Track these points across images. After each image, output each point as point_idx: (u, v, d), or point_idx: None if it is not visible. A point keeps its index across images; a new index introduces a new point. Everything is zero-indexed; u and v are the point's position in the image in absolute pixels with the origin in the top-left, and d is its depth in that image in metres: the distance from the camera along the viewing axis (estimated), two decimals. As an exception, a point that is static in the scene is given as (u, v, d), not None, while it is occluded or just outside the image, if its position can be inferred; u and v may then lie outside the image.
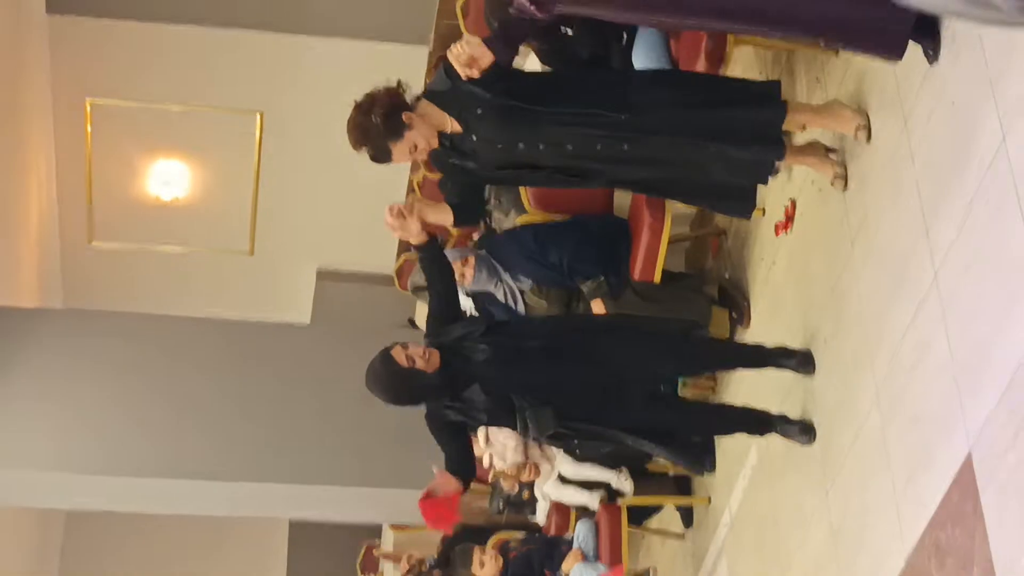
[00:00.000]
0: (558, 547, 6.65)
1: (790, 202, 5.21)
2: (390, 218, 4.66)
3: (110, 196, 10.36)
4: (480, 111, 4.52)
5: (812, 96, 4.91)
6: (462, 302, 5.44)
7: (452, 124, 4.60)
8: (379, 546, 9.93)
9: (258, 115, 10.00)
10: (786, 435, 4.98)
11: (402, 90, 4.58)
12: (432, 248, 4.87)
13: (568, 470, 6.41)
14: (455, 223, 4.89)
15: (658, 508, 6.76)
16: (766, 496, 5.38)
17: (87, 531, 12.73)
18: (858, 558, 4.37)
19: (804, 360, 4.90)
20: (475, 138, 4.58)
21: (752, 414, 5.13)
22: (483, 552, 6.73)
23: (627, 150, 4.50)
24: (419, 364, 4.71)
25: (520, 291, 6.20)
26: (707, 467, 6.00)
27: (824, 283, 4.82)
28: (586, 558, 6.34)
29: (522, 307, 6.20)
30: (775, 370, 5.00)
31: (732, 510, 5.77)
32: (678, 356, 5.09)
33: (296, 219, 10.72)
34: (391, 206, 4.67)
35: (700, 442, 5.46)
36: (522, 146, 4.55)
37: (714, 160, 4.51)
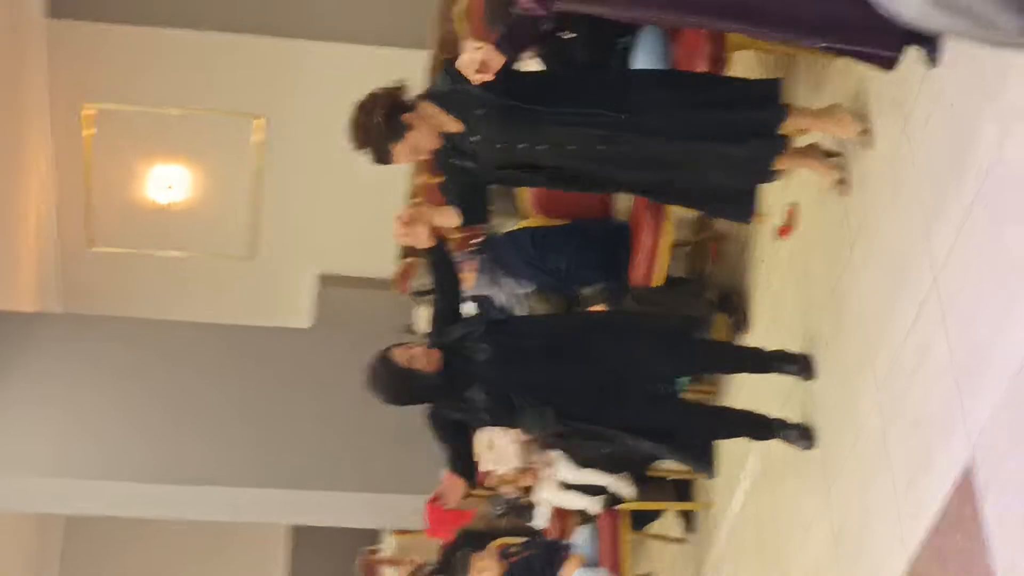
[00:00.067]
0: (559, 552, 6.64)
1: (790, 206, 5.20)
2: (399, 228, 4.67)
3: (109, 200, 10.34)
4: (481, 111, 4.51)
5: (812, 100, 4.90)
6: (467, 306, 5.44)
7: (453, 124, 4.59)
8: (378, 553, 9.90)
9: (258, 119, 9.98)
10: (786, 440, 4.96)
11: (403, 91, 4.57)
12: (440, 251, 4.88)
13: (569, 475, 6.40)
14: (463, 223, 4.89)
15: (659, 513, 6.74)
16: (767, 501, 5.36)
17: (87, 536, 12.70)
18: (859, 562, 4.36)
19: (804, 365, 4.89)
20: (476, 138, 4.57)
21: (752, 418, 5.12)
22: (484, 557, 6.72)
23: (628, 151, 4.49)
24: (419, 364, 4.71)
25: (521, 296, 6.19)
26: (709, 470, 5.99)
27: (824, 286, 4.81)
28: (587, 563, 6.33)
29: (524, 312, 6.19)
30: (776, 375, 4.99)
31: (733, 515, 5.76)
32: (677, 356, 5.07)
33: (297, 223, 10.71)
34: (398, 215, 4.67)
35: (700, 445, 5.44)
36: (522, 146, 4.54)
37: (714, 161, 4.49)
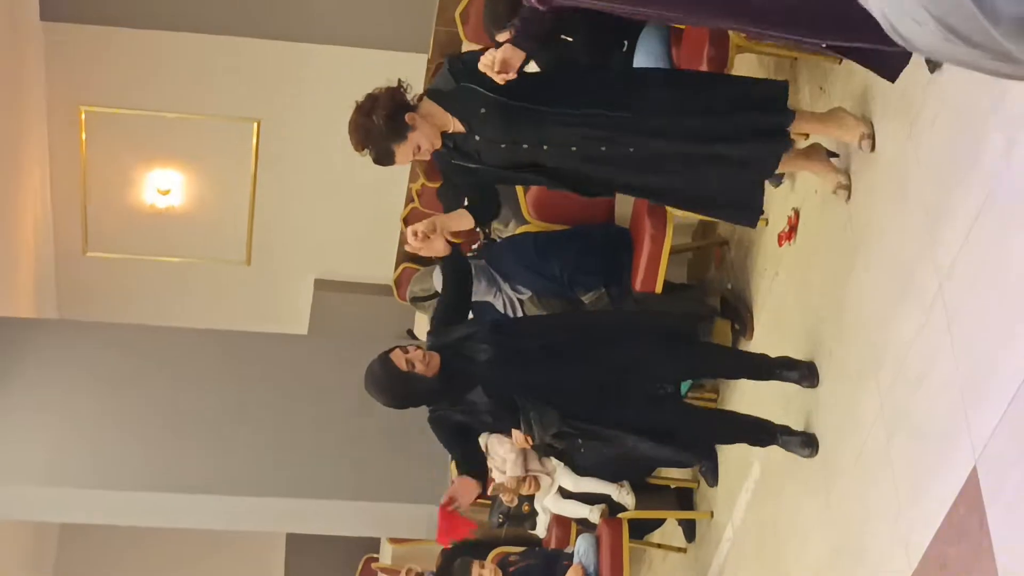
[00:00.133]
0: (558, 561, 6.60)
1: (793, 212, 5.16)
2: (415, 242, 4.62)
3: (106, 205, 10.31)
4: (484, 110, 4.46)
5: (816, 104, 4.87)
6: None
7: (455, 124, 4.54)
8: (377, 561, 9.87)
9: (255, 123, 9.96)
10: (787, 447, 4.92)
11: (404, 90, 4.52)
12: (455, 258, 4.86)
13: (569, 483, 6.36)
14: (477, 223, 4.85)
15: (660, 522, 6.71)
16: (769, 510, 5.33)
17: (81, 542, 12.66)
18: (861, 572, 4.31)
19: (808, 372, 4.84)
20: (478, 138, 4.52)
21: (754, 423, 5.08)
22: (483, 566, 6.68)
23: (630, 153, 4.45)
24: (419, 368, 4.69)
25: (519, 301, 6.16)
26: (709, 474, 5.96)
27: (828, 293, 4.77)
28: (587, 573, 6.29)
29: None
30: (778, 384, 4.96)
31: (734, 524, 5.72)
32: (677, 357, 5.05)
33: (294, 228, 10.68)
34: (413, 230, 4.62)
35: (702, 447, 5.42)
36: (526, 146, 4.50)
37: (718, 163, 4.46)
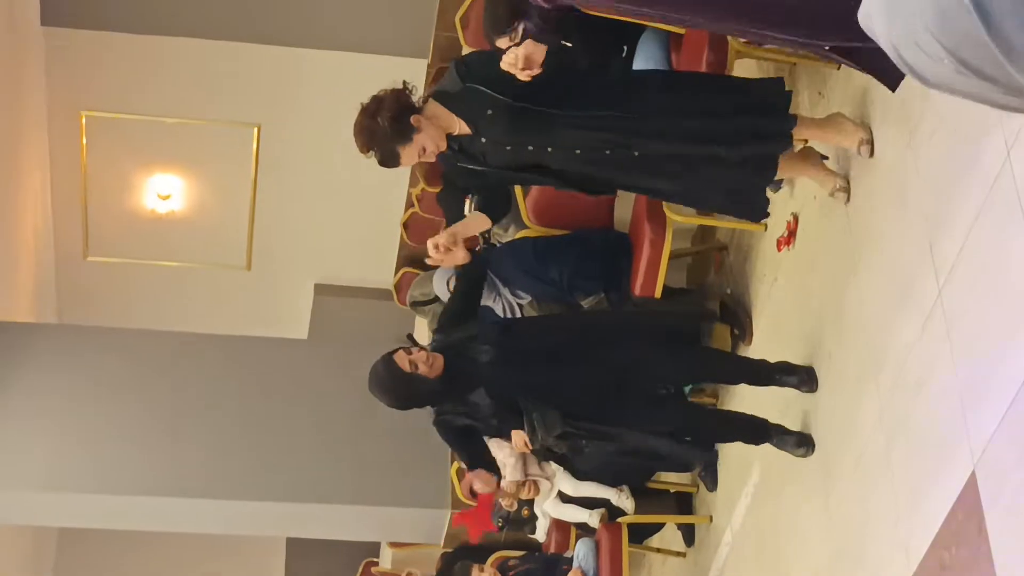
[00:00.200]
0: (558, 565, 6.61)
1: (792, 217, 5.16)
2: (436, 254, 4.62)
3: (106, 210, 10.30)
4: (491, 112, 4.46)
5: (815, 109, 4.87)
6: None
7: (460, 126, 4.53)
8: (378, 565, 9.87)
9: (255, 128, 9.95)
10: (782, 446, 4.93)
11: (409, 92, 4.52)
12: (476, 264, 4.88)
13: (568, 488, 6.37)
14: (493, 222, 4.84)
15: (659, 526, 6.71)
16: (768, 514, 5.33)
17: (81, 546, 12.65)
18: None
19: (807, 377, 4.84)
20: (484, 140, 4.52)
21: (749, 421, 5.10)
22: (482, 570, 6.68)
23: (636, 157, 4.45)
24: (422, 369, 4.71)
25: (519, 306, 6.17)
26: (709, 478, 5.96)
27: (827, 299, 4.77)
28: (586, 577, 6.30)
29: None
30: (777, 388, 4.96)
31: (734, 528, 5.72)
32: (678, 358, 5.07)
33: (294, 233, 10.67)
34: (434, 243, 4.61)
35: (703, 444, 5.44)
36: (531, 148, 4.50)
37: (720, 165, 4.46)
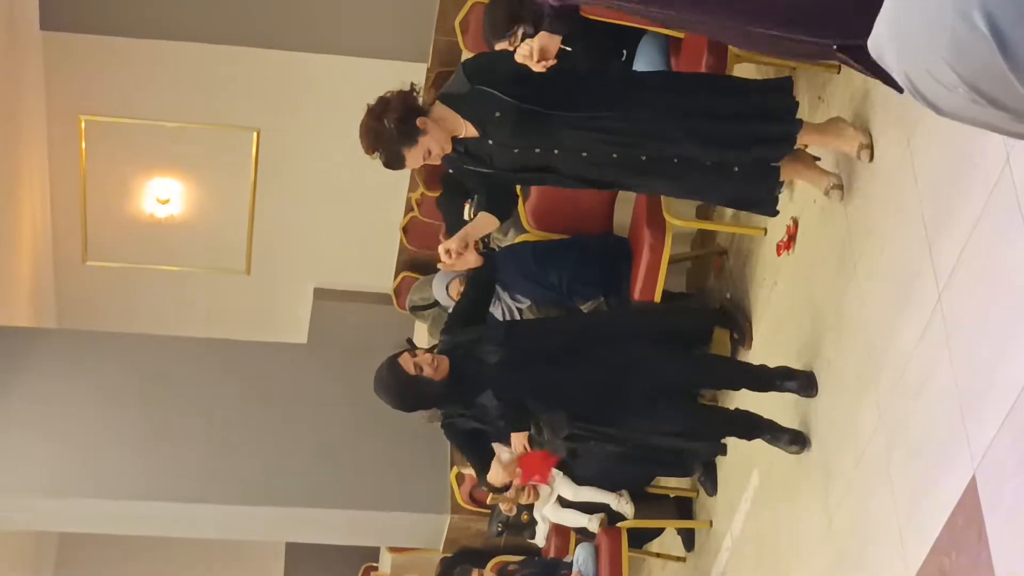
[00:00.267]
0: (558, 570, 6.60)
1: (792, 221, 5.16)
2: (448, 260, 4.61)
3: (105, 214, 10.30)
4: (499, 114, 4.45)
5: (815, 114, 4.86)
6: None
7: (467, 128, 4.52)
8: (377, 570, 9.87)
9: (255, 132, 9.95)
10: (775, 443, 4.95)
11: (416, 94, 4.51)
12: (487, 268, 4.86)
13: (568, 493, 6.36)
14: (501, 221, 4.84)
15: (659, 531, 6.69)
16: (768, 519, 5.32)
17: (81, 550, 12.64)
18: (861, 582, 4.32)
19: (807, 382, 4.84)
20: (491, 142, 4.52)
21: (743, 416, 5.10)
22: (482, 575, 6.69)
23: (643, 160, 4.45)
24: (427, 371, 4.72)
25: (518, 310, 6.16)
26: (708, 483, 5.95)
27: (827, 304, 4.77)
28: (586, 582, 6.29)
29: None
30: (777, 394, 4.96)
31: (734, 534, 5.71)
32: (678, 363, 5.07)
33: (293, 237, 10.67)
34: (445, 248, 4.60)
35: (708, 442, 5.45)
36: (538, 151, 4.50)
37: (725, 168, 4.46)
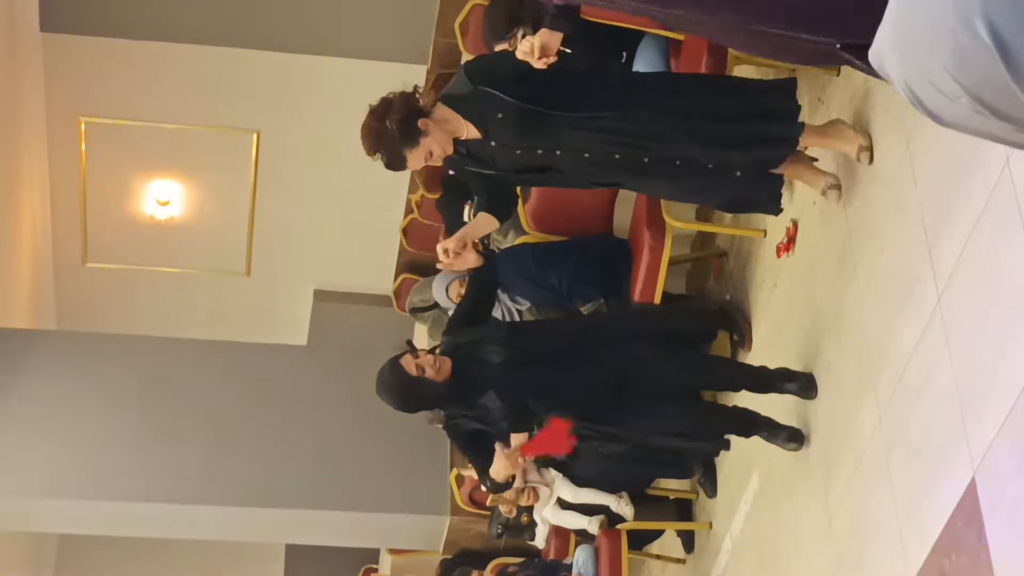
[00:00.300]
0: (557, 572, 6.60)
1: (792, 223, 5.16)
2: (446, 259, 4.61)
3: (105, 216, 10.29)
4: (501, 115, 4.45)
5: (815, 116, 4.86)
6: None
7: (469, 129, 4.52)
8: (377, 571, 9.87)
9: (255, 134, 9.95)
10: (772, 440, 4.97)
11: (418, 96, 4.51)
12: (488, 268, 4.86)
13: (567, 494, 6.35)
14: (500, 222, 4.84)
15: (659, 533, 6.69)
16: (768, 521, 5.32)
17: (81, 552, 12.64)
18: (861, 583, 4.32)
19: (806, 384, 4.84)
20: (494, 143, 4.52)
21: (741, 413, 5.11)
22: (481, 577, 6.70)
23: (646, 162, 4.45)
24: (428, 373, 4.72)
25: (518, 312, 6.16)
26: (708, 485, 5.95)
27: (826, 306, 4.77)
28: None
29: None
30: (777, 395, 4.96)
31: (734, 535, 5.71)
32: (678, 363, 5.08)
33: (293, 239, 10.67)
34: (444, 248, 4.60)
35: (709, 438, 5.46)
36: (540, 152, 4.50)
37: (727, 169, 4.46)
